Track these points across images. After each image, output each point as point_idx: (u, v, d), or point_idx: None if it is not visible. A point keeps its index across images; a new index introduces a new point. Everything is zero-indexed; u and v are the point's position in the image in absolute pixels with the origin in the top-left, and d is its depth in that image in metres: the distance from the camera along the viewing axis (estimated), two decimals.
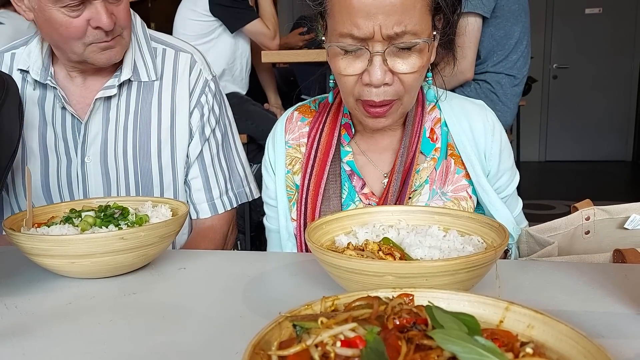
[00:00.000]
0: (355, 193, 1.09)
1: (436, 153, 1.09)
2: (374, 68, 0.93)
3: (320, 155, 1.10)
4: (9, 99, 1.08)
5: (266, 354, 0.46)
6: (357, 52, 0.94)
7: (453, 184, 1.07)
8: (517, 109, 2.30)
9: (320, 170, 1.08)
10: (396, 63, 0.94)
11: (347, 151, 1.12)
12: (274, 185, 1.15)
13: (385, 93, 0.95)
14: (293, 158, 1.14)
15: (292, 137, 1.16)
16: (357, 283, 0.69)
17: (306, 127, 1.16)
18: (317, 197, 1.07)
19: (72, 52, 1.18)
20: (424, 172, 1.07)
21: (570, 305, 0.74)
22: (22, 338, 0.69)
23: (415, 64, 0.94)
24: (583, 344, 0.46)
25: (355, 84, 0.97)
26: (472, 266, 0.67)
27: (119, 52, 1.21)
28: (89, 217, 0.94)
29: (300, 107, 1.20)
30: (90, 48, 1.17)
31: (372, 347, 0.44)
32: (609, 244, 1.03)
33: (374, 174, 1.11)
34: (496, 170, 1.09)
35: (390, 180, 1.05)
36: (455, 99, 1.14)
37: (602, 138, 7.17)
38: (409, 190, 1.05)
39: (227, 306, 0.77)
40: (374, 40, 0.91)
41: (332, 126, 1.12)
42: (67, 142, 1.26)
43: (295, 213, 1.10)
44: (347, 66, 0.96)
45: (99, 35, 1.15)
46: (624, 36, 6.87)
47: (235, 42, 2.86)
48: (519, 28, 2.11)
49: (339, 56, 0.96)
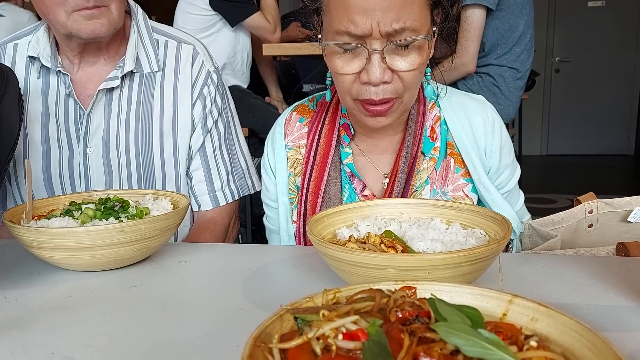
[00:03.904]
0: (356, 195, 1.08)
1: (435, 152, 1.07)
2: (373, 67, 0.90)
3: (319, 157, 1.08)
4: (9, 91, 1.08)
5: (267, 346, 0.45)
6: (354, 51, 0.92)
7: (453, 183, 1.06)
8: (519, 103, 2.29)
9: (320, 173, 1.07)
10: (395, 61, 0.91)
11: (347, 153, 1.10)
12: (274, 187, 1.14)
13: (384, 91, 0.93)
14: (294, 160, 1.13)
15: (292, 139, 1.14)
16: (359, 276, 0.69)
17: (305, 127, 1.14)
18: (317, 199, 1.05)
19: (57, 22, 1.15)
20: (424, 172, 1.06)
21: (573, 299, 0.73)
22: (22, 331, 0.69)
23: (415, 61, 0.92)
24: (588, 337, 0.45)
25: (353, 82, 0.94)
26: (474, 259, 0.66)
27: (105, 25, 1.17)
28: (89, 210, 0.94)
29: (298, 107, 1.18)
30: (73, 17, 1.14)
31: (375, 340, 0.43)
32: (612, 237, 1.03)
33: (374, 175, 1.09)
34: (497, 167, 1.08)
35: (393, 182, 1.03)
36: (455, 94, 1.12)
37: (604, 132, 7.15)
38: (410, 191, 1.04)
39: (228, 299, 0.77)
40: (372, 37, 0.89)
41: (330, 127, 1.10)
42: (69, 133, 1.26)
43: (296, 215, 1.09)
44: (344, 65, 0.93)
45: (80, 1, 1.12)
46: (627, 30, 6.85)
47: (235, 36, 2.85)
48: (523, 21, 2.10)
49: (336, 55, 0.94)
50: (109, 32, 1.19)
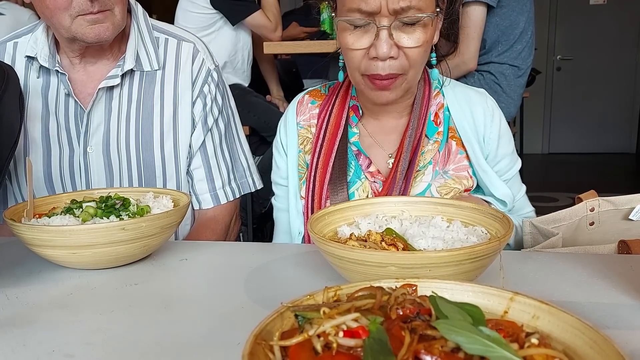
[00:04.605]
0: (362, 171, 1.13)
1: (439, 136, 1.13)
2: (380, 42, 0.97)
3: (328, 135, 1.14)
4: (10, 89, 1.08)
5: (268, 344, 0.45)
6: (365, 27, 0.99)
7: (455, 163, 1.12)
8: (520, 101, 2.29)
9: (329, 150, 1.13)
10: (401, 37, 0.98)
11: (354, 132, 1.16)
12: (285, 165, 1.20)
13: (390, 67, 1.00)
14: (305, 138, 1.19)
15: (304, 119, 1.20)
16: (359, 274, 0.68)
17: (316, 109, 1.20)
18: (325, 175, 1.11)
19: (61, 27, 1.15)
20: (429, 154, 1.12)
21: (574, 297, 0.73)
22: (23, 329, 0.69)
23: (420, 38, 0.99)
24: (589, 335, 0.45)
25: (363, 58, 1.01)
26: (475, 257, 0.66)
27: (109, 28, 1.17)
28: (90, 208, 0.94)
29: (311, 91, 1.25)
30: (78, 21, 1.14)
31: (375, 338, 0.43)
32: (614, 235, 1.02)
33: (379, 154, 1.15)
34: (494, 154, 1.13)
35: (399, 160, 1.09)
36: (458, 86, 1.18)
37: (606, 130, 7.13)
38: (415, 170, 1.09)
39: (228, 297, 0.77)
40: (381, 14, 0.96)
41: (340, 107, 1.17)
42: (69, 132, 1.26)
43: (305, 191, 1.14)
44: (354, 41, 1.00)
45: (85, 6, 1.12)
46: (628, 28, 6.82)
47: (236, 35, 2.85)
48: (524, 18, 2.09)
49: (348, 31, 1.01)
50: (113, 35, 1.20)
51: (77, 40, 1.18)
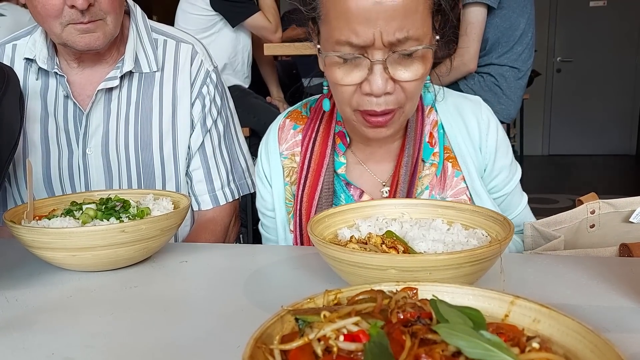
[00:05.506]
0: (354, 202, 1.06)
1: (435, 158, 1.05)
2: (375, 77, 0.87)
3: (313, 165, 1.05)
4: (10, 91, 1.08)
5: (268, 347, 0.45)
6: (355, 61, 0.89)
7: (452, 188, 1.05)
8: (521, 102, 2.29)
9: (314, 182, 1.04)
10: (398, 71, 0.89)
11: (341, 162, 1.07)
12: (270, 197, 1.12)
13: (386, 102, 0.90)
14: (290, 169, 1.10)
15: (286, 147, 1.11)
16: (360, 277, 0.68)
17: (299, 134, 1.11)
18: (311, 209, 1.03)
19: (52, 33, 1.15)
20: (426, 179, 1.04)
21: (575, 300, 0.73)
22: (22, 331, 0.69)
23: (418, 71, 0.90)
24: (590, 338, 0.45)
25: (354, 93, 0.92)
26: (476, 260, 0.66)
27: (100, 38, 1.16)
28: (90, 210, 0.94)
29: (291, 113, 1.15)
30: (68, 29, 1.13)
31: (376, 342, 0.43)
32: (614, 238, 1.02)
33: (371, 182, 1.07)
34: (492, 167, 1.07)
35: (395, 190, 1.02)
36: (451, 97, 1.10)
37: (606, 132, 7.14)
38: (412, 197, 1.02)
39: (228, 300, 0.77)
40: (374, 47, 0.86)
41: (325, 135, 1.07)
42: (68, 134, 1.26)
43: (293, 225, 1.07)
44: (344, 76, 0.90)
45: (75, 16, 1.11)
46: (628, 30, 6.83)
47: (236, 36, 2.85)
48: (525, 19, 2.09)
49: (336, 65, 0.91)
50: (105, 44, 1.19)
51: (68, 47, 1.18)
